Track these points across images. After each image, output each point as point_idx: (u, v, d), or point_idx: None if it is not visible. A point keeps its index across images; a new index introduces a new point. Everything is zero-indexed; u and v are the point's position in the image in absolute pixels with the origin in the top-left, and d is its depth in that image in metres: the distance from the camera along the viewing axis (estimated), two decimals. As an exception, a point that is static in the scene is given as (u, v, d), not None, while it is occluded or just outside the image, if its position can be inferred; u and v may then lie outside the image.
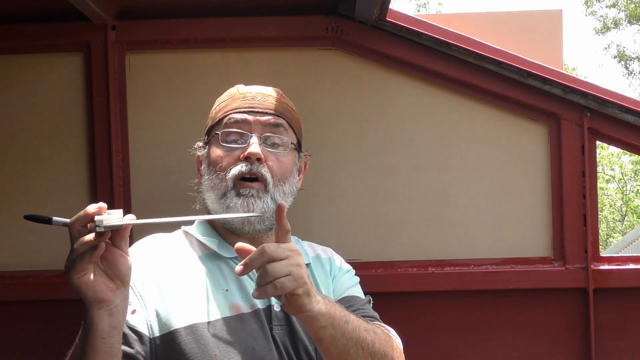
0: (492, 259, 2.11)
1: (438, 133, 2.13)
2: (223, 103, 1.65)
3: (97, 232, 1.12)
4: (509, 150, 2.13)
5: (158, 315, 1.43)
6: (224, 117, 1.61)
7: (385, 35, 2.08)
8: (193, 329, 1.42)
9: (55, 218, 1.17)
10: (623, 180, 20.86)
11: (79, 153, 2.13)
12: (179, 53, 2.13)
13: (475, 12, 5.06)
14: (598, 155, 2.88)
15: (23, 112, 2.14)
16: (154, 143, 2.13)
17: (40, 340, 2.09)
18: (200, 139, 1.70)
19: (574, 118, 2.09)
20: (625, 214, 20.42)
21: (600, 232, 17.74)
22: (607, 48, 22.13)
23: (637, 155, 12.67)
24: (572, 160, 2.09)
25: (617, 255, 2.26)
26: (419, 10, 20.10)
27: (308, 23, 2.09)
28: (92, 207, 1.14)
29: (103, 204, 1.15)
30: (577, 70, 21.99)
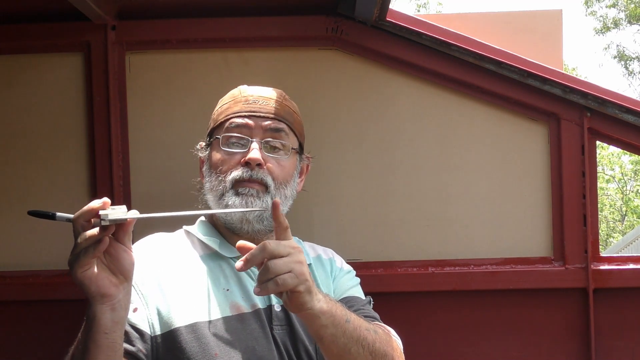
0: (492, 259, 2.11)
1: (438, 133, 2.13)
2: (225, 105, 1.65)
3: (101, 225, 1.12)
4: (509, 150, 2.13)
5: (159, 314, 1.44)
6: (226, 120, 1.61)
7: (385, 35, 2.08)
8: (194, 328, 1.43)
9: (59, 214, 1.16)
10: (623, 180, 20.86)
11: (79, 153, 2.13)
12: (179, 53, 2.13)
13: (475, 12, 5.06)
14: (598, 155, 2.88)
15: (23, 112, 2.14)
16: (154, 143, 2.13)
17: (40, 340, 2.09)
18: (202, 139, 1.70)
19: (574, 118, 2.09)
20: (625, 214, 20.42)
21: (600, 232, 17.73)
22: (607, 48, 22.17)
23: (637, 155, 12.65)
24: (572, 160, 2.09)
25: (617, 255, 2.26)
26: (419, 10, 20.10)
27: (308, 23, 2.09)
28: (96, 202, 1.14)
29: (107, 199, 1.15)
30: (577, 70, 22.00)
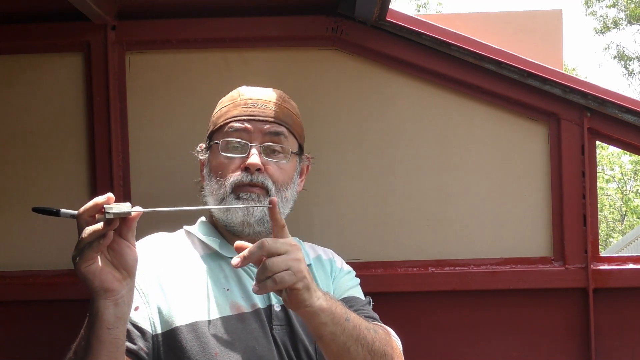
0: (492, 259, 2.11)
1: (438, 133, 2.13)
2: (225, 108, 1.65)
3: (106, 219, 1.12)
4: (509, 150, 2.12)
5: (160, 313, 1.44)
6: (225, 124, 1.61)
7: (385, 35, 2.08)
8: (194, 327, 1.43)
9: (63, 210, 1.16)
10: (623, 180, 20.85)
11: (79, 153, 2.13)
12: (179, 53, 2.13)
13: (475, 12, 5.06)
14: (598, 155, 2.88)
15: (23, 112, 2.14)
16: (154, 143, 2.13)
17: (40, 340, 2.09)
18: (202, 140, 1.70)
19: (574, 118, 2.09)
20: (625, 214, 20.41)
21: (600, 232, 17.75)
22: (607, 48, 22.17)
23: (637, 155, 12.65)
24: (572, 160, 2.09)
25: (617, 255, 2.26)
26: (419, 10, 20.09)
27: (308, 23, 2.09)
28: (100, 197, 1.14)
29: (111, 195, 1.15)
30: (577, 70, 22.00)
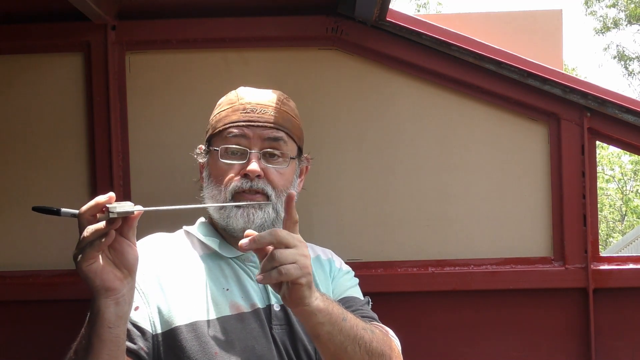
0: (492, 259, 2.11)
1: (438, 133, 2.13)
2: (223, 112, 1.64)
3: (108, 219, 1.12)
4: (509, 150, 2.12)
5: (160, 312, 1.44)
6: (224, 129, 1.60)
7: (385, 35, 2.08)
8: (194, 327, 1.43)
9: (64, 209, 1.16)
10: (623, 180, 20.86)
11: (79, 153, 2.13)
12: (179, 53, 2.13)
13: (475, 12, 5.06)
14: (598, 155, 2.88)
15: (23, 112, 2.14)
16: (154, 143, 2.13)
17: (40, 340, 2.09)
18: (202, 141, 1.69)
19: (574, 118, 2.09)
20: (625, 214, 20.42)
21: (600, 232, 17.75)
22: (606, 48, 22.17)
23: (637, 155, 12.66)
24: (572, 161, 2.09)
25: (617, 255, 2.26)
26: (419, 10, 20.10)
27: (308, 23, 2.09)
28: (102, 197, 1.14)
29: (112, 194, 1.15)
30: (577, 70, 22.01)
